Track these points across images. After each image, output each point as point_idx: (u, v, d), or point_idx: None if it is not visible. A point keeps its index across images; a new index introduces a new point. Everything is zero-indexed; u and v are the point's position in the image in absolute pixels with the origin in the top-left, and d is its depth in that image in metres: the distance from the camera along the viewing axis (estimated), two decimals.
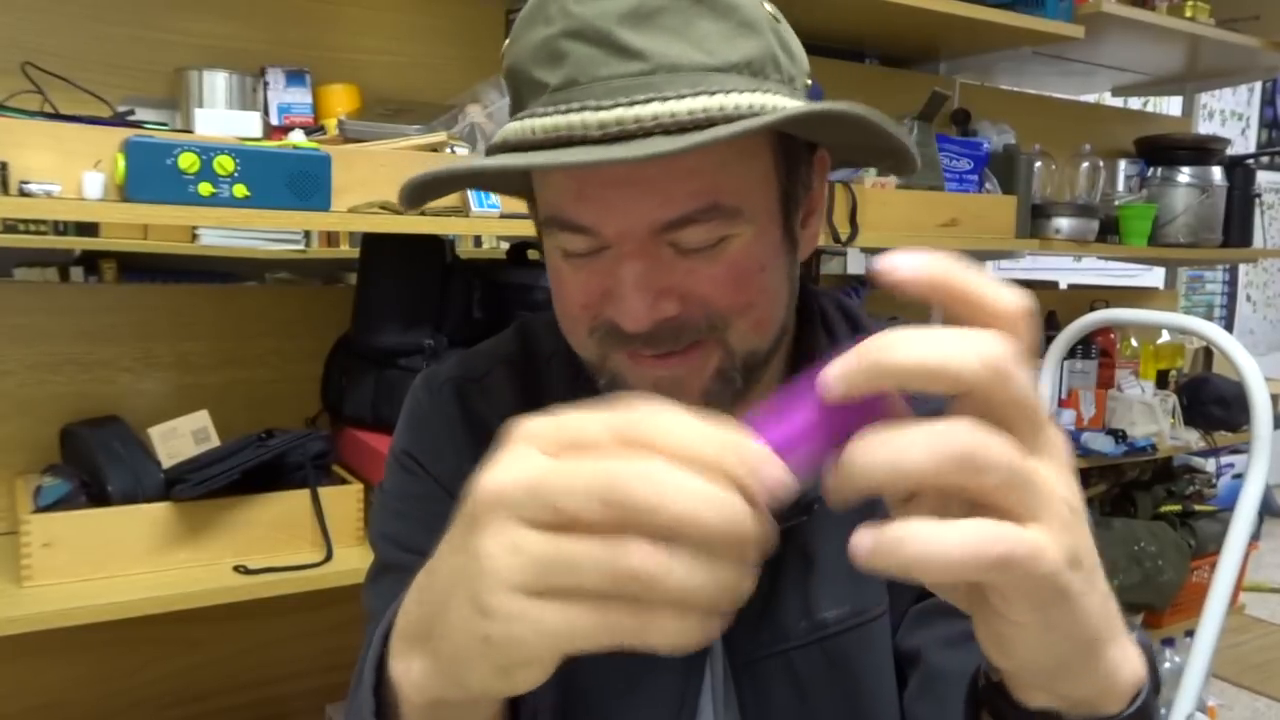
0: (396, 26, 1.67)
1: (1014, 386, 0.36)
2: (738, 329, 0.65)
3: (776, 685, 0.74)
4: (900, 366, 0.35)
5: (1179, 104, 3.00)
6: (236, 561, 1.30)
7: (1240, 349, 1.78)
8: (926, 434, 0.35)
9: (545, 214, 0.65)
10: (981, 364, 0.35)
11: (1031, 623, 0.38)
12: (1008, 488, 0.36)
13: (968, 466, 0.35)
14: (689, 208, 0.61)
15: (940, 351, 0.35)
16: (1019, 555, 0.35)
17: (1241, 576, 2.39)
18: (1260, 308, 5.60)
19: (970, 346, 0.35)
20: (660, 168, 0.60)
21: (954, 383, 0.35)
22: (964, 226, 1.89)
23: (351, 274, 1.62)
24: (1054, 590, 0.37)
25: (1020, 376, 0.36)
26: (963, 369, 0.35)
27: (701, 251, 0.63)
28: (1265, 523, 4.04)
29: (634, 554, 0.34)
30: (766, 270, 0.66)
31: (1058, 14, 2.00)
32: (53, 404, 1.45)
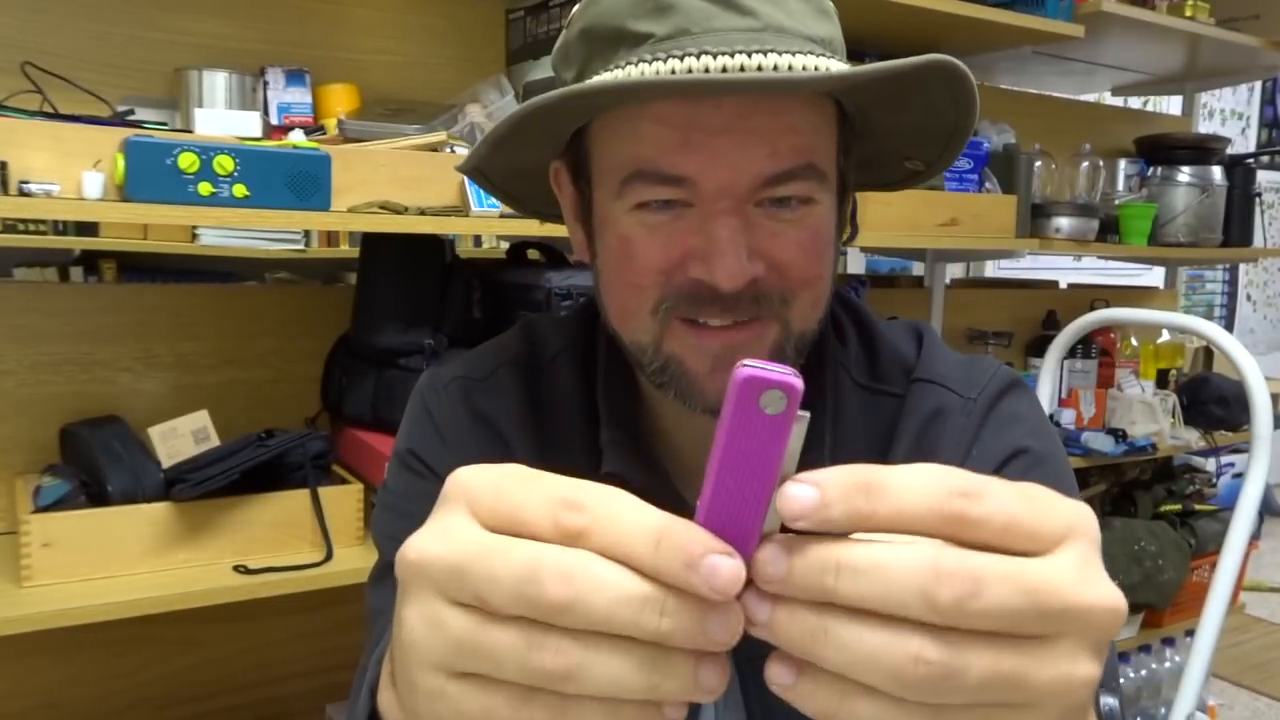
0: (396, 26, 1.67)
1: (980, 519, 0.32)
2: (800, 305, 0.65)
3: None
4: (882, 519, 0.32)
5: (1179, 103, 3.00)
6: (236, 561, 1.30)
7: (1240, 348, 1.78)
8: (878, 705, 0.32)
9: (631, 168, 0.63)
10: (941, 515, 0.32)
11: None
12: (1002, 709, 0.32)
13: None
14: (792, 163, 0.62)
15: (913, 505, 0.32)
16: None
17: (1241, 576, 2.39)
18: (1260, 307, 5.60)
19: (931, 497, 0.32)
20: (767, 121, 0.60)
21: (923, 533, 0.32)
22: (964, 226, 1.89)
23: (351, 274, 1.62)
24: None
25: (988, 505, 0.32)
26: (924, 522, 0.32)
27: (788, 218, 0.63)
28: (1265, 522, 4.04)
29: (546, 652, 0.32)
30: (832, 247, 0.67)
31: (1058, 13, 2.00)
32: (52, 404, 1.45)
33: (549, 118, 0.62)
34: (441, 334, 1.49)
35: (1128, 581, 2.33)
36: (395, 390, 1.48)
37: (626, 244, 0.65)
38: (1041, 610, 0.31)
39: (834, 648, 0.32)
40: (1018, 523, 0.32)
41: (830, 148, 0.65)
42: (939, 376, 0.75)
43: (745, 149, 0.61)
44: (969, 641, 0.31)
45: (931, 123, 0.67)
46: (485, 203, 1.38)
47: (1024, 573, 0.32)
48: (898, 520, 0.32)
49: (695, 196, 0.62)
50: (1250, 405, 1.76)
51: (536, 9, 1.60)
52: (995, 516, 0.32)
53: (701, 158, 0.61)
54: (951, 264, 2.54)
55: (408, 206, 1.32)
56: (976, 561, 0.31)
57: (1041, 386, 2.17)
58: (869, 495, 0.32)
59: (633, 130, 0.62)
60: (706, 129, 0.60)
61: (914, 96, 0.64)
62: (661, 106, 0.61)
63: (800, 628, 0.32)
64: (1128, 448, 2.29)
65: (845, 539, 0.33)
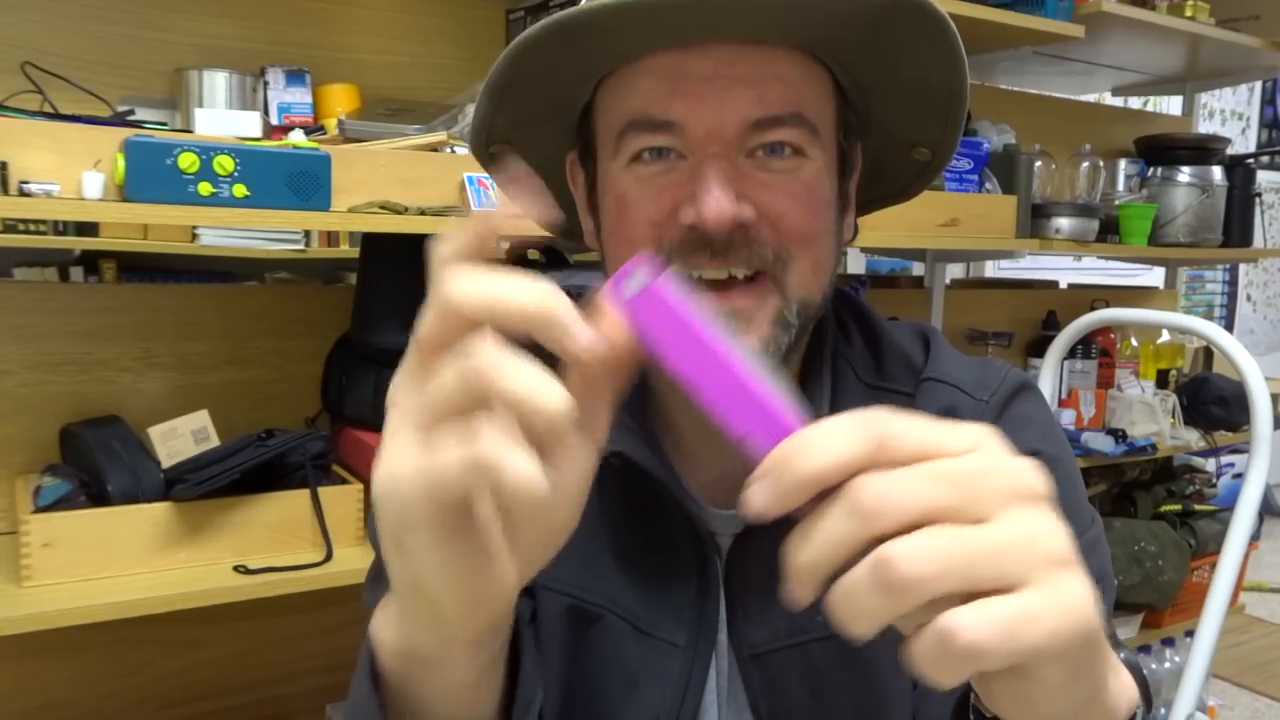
0: (396, 26, 1.67)
1: (900, 444, 0.36)
2: (798, 268, 0.65)
3: (790, 678, 0.73)
4: (816, 474, 0.36)
5: (1179, 104, 3.00)
6: (236, 561, 1.30)
7: (1240, 349, 1.78)
8: (867, 574, 0.35)
9: (624, 121, 0.65)
10: (866, 440, 0.36)
11: (1059, 680, 0.37)
12: (970, 579, 0.35)
13: (917, 588, 0.34)
14: (779, 109, 0.63)
15: (836, 449, 0.36)
16: (994, 639, 0.34)
17: (1241, 576, 2.39)
18: (1260, 307, 5.60)
19: (851, 433, 0.36)
20: (754, 68, 0.62)
21: (858, 469, 0.36)
22: (964, 226, 1.89)
23: (351, 274, 1.62)
24: (1078, 641, 0.36)
25: (904, 433, 0.36)
26: (856, 453, 0.36)
27: (779, 166, 0.64)
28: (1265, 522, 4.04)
29: (477, 353, 0.38)
30: (830, 210, 0.68)
31: (1058, 14, 2.00)
32: (52, 404, 1.45)
33: (553, 82, 0.66)
34: None
35: (1128, 582, 2.33)
36: None
37: (622, 201, 0.66)
38: (959, 486, 0.36)
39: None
40: (928, 446, 0.36)
41: (823, 109, 0.66)
42: (950, 377, 0.75)
43: (732, 93, 0.62)
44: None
45: (923, 88, 0.67)
46: (485, 203, 1.38)
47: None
48: (832, 474, 0.36)
49: (685, 144, 0.64)
50: (1250, 405, 1.76)
51: (537, 9, 1.60)
52: (908, 446, 0.36)
53: (689, 102, 0.62)
54: (951, 264, 2.54)
55: (408, 206, 1.32)
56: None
57: (1042, 387, 2.16)
58: (800, 456, 0.36)
59: (628, 87, 0.65)
60: (693, 77, 0.62)
61: (895, 50, 0.64)
62: (652, 60, 0.63)
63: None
64: (1128, 448, 2.29)
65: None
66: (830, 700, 0.73)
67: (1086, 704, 0.40)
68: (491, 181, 1.38)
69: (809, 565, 0.37)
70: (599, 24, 0.60)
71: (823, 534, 0.36)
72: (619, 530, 0.75)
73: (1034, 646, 0.35)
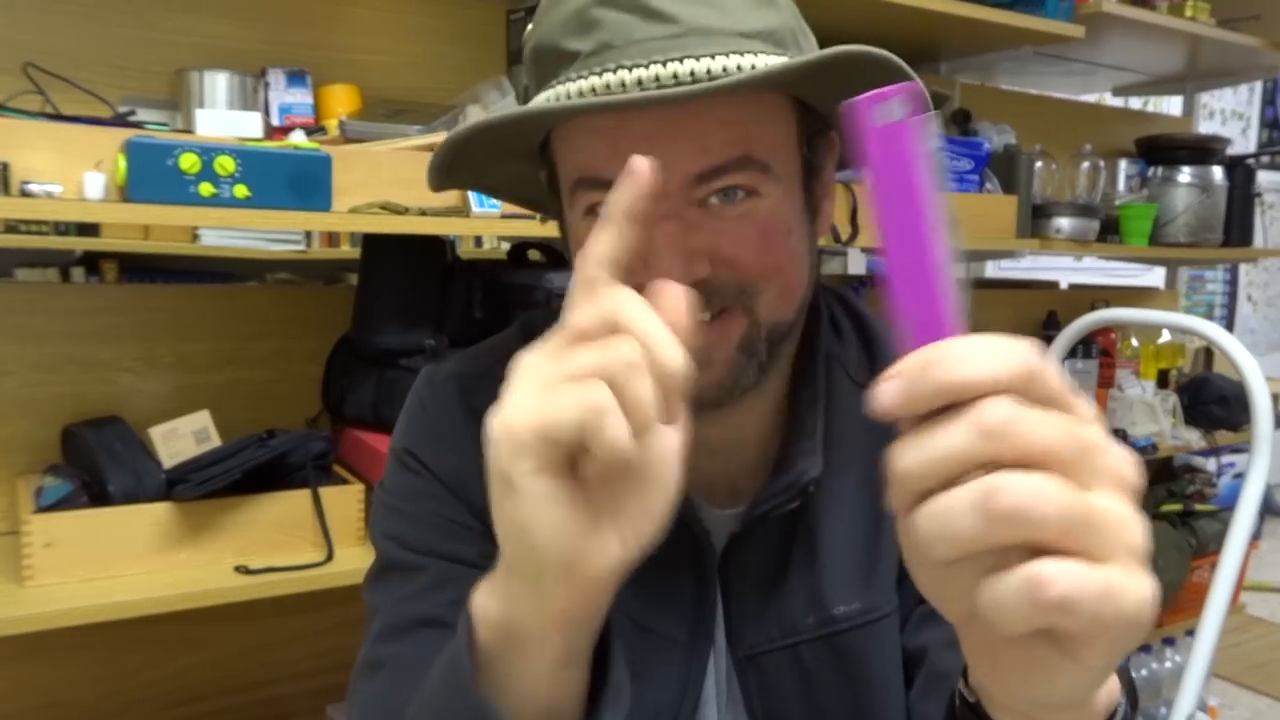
0: (397, 27, 1.67)
1: (1047, 383, 0.37)
2: (766, 297, 0.66)
3: (783, 679, 0.74)
4: (955, 384, 0.36)
5: (1179, 104, 3.00)
6: (237, 561, 1.30)
7: (1241, 348, 1.78)
8: (970, 495, 0.35)
9: (574, 177, 0.66)
10: (1017, 366, 0.36)
11: (1099, 664, 0.37)
12: (1065, 534, 0.35)
13: (1018, 521, 0.34)
14: (723, 157, 0.62)
15: (984, 366, 0.36)
16: (1084, 600, 0.34)
17: (1242, 576, 2.39)
18: (1261, 307, 5.60)
19: (1003, 355, 0.37)
20: (694, 120, 0.61)
21: (1000, 391, 0.36)
22: (965, 226, 1.89)
23: (352, 274, 1.62)
24: (1136, 632, 0.36)
25: (1052, 375, 0.37)
26: (1000, 375, 0.36)
27: (731, 213, 0.64)
28: (1266, 522, 4.04)
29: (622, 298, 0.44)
30: (793, 234, 0.67)
31: (1058, 14, 2.00)
32: (54, 404, 1.45)
33: (494, 141, 0.66)
34: (442, 335, 1.49)
35: None
36: (396, 391, 1.48)
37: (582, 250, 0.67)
38: (1079, 446, 0.36)
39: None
40: (1066, 395, 0.37)
41: (776, 137, 0.65)
42: None
43: (672, 151, 0.61)
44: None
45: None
46: (486, 203, 1.38)
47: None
48: (977, 387, 0.36)
49: None
50: (1251, 405, 1.75)
51: (537, 9, 1.59)
52: (1053, 386, 0.37)
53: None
54: None
55: (409, 207, 1.33)
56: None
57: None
58: (946, 363, 0.36)
59: (575, 143, 0.65)
60: (633, 136, 0.62)
61: (840, 83, 0.63)
62: (592, 119, 0.63)
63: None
64: (1128, 448, 2.28)
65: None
66: (823, 701, 0.74)
67: (1089, 696, 0.41)
68: None
69: (915, 469, 0.36)
70: (527, 120, 0.62)
71: (941, 443, 0.36)
72: None
73: (1109, 620, 0.35)
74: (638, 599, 0.75)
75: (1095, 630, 0.35)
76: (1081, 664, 0.37)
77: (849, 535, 0.74)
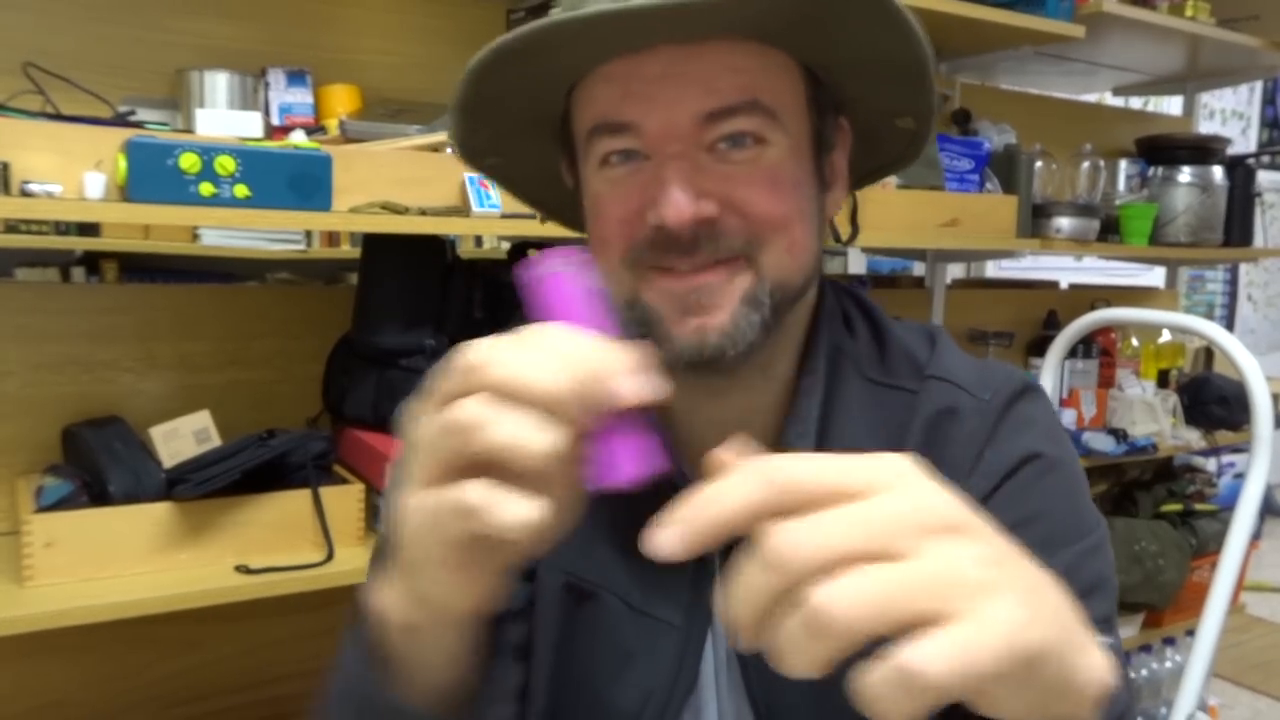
0: (397, 26, 1.67)
1: (796, 488, 0.37)
2: (772, 251, 0.66)
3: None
4: (717, 521, 0.38)
5: (1179, 104, 3.00)
6: (238, 561, 1.30)
7: (1241, 348, 1.78)
8: (800, 623, 0.36)
9: (589, 125, 0.67)
10: (762, 487, 0.37)
11: (1010, 693, 0.37)
12: (902, 618, 0.35)
13: (852, 633, 0.35)
14: (732, 99, 0.64)
15: (735, 497, 0.38)
16: (950, 671, 0.34)
17: (1242, 576, 2.39)
18: (1261, 307, 5.60)
19: (749, 481, 0.38)
20: (703, 63, 0.63)
21: (761, 517, 0.37)
22: (965, 226, 1.89)
23: (352, 274, 1.62)
24: (1028, 658, 0.36)
25: (800, 477, 0.38)
26: (749, 506, 0.37)
27: (740, 157, 0.65)
28: (1266, 522, 4.04)
29: (464, 407, 0.46)
30: (800, 191, 0.68)
31: (1058, 14, 2.00)
32: (54, 404, 1.45)
33: (521, 97, 0.68)
34: (443, 334, 1.49)
35: (1128, 582, 2.33)
36: (396, 390, 1.48)
37: (595, 202, 0.69)
38: (869, 531, 0.36)
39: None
40: (825, 487, 0.38)
41: (784, 92, 0.67)
42: (953, 375, 0.75)
43: (682, 90, 0.63)
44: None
45: (885, 63, 0.67)
46: (486, 203, 1.38)
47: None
48: (736, 520, 0.38)
49: (646, 145, 0.65)
50: (1251, 405, 1.75)
51: (537, 9, 1.60)
52: (805, 488, 0.38)
53: (642, 103, 0.64)
54: (952, 264, 2.54)
55: (409, 207, 1.33)
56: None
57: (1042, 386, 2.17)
58: (705, 506, 0.38)
59: (590, 94, 0.67)
60: (645, 78, 0.64)
61: (846, 32, 0.64)
62: (607, 68, 0.65)
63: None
64: (1128, 448, 2.29)
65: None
66: (830, 697, 0.73)
67: (1051, 699, 0.40)
68: (492, 182, 1.38)
69: (741, 618, 0.37)
70: (540, 44, 0.62)
71: (746, 588, 0.37)
72: (615, 512, 0.76)
73: (985, 674, 0.35)
74: (634, 584, 0.75)
75: (986, 684, 0.36)
76: (996, 700, 0.37)
77: None
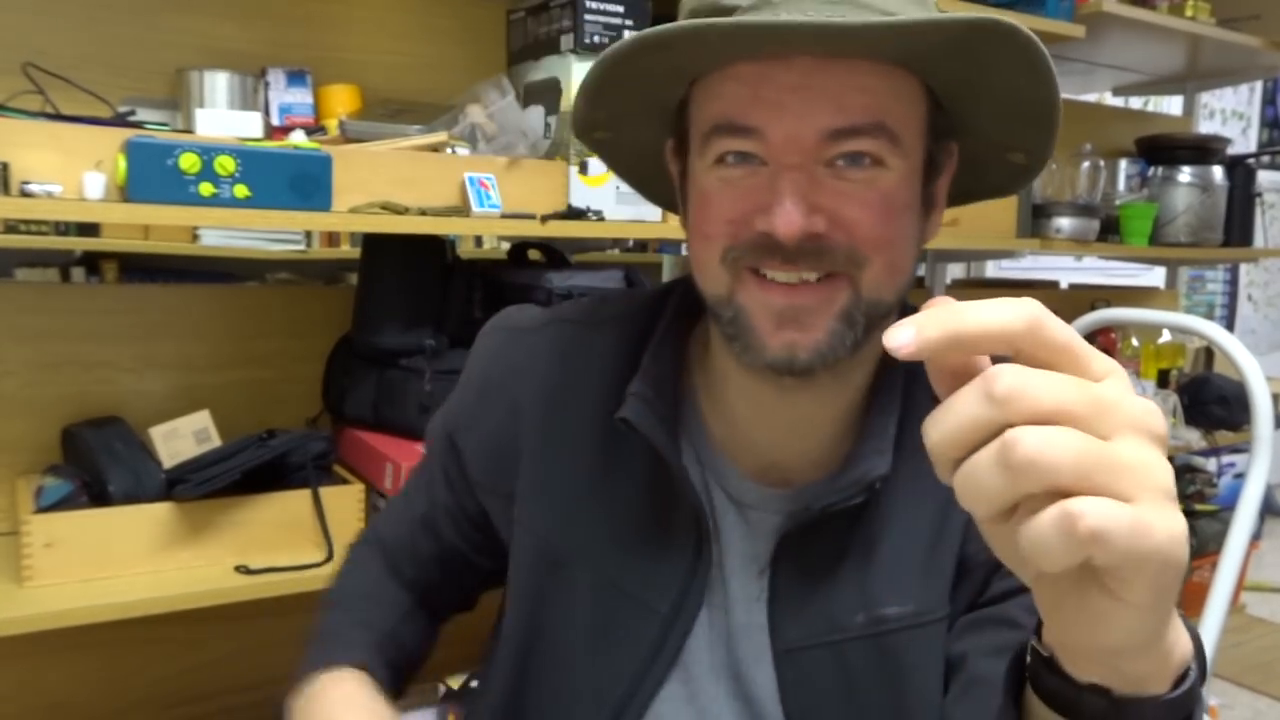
0: (397, 26, 1.67)
1: (1052, 333, 0.38)
2: (872, 270, 0.67)
3: (823, 677, 0.74)
4: (971, 333, 0.38)
5: (1179, 103, 3.00)
6: (238, 562, 1.30)
7: (1241, 348, 1.78)
8: (991, 454, 0.37)
9: (711, 123, 0.67)
10: (1022, 320, 0.38)
11: (1144, 602, 0.39)
12: (1087, 478, 0.36)
13: (1037, 469, 0.36)
14: (859, 120, 0.64)
15: (990, 317, 0.38)
16: (1116, 532, 0.36)
17: (1242, 576, 2.39)
18: (1261, 307, 5.59)
19: (1008, 309, 0.38)
20: (835, 79, 0.64)
21: (1007, 342, 0.38)
22: (965, 226, 1.89)
23: (352, 274, 1.62)
24: (1173, 567, 0.38)
25: (1057, 327, 0.39)
26: (1007, 327, 0.38)
27: (857, 176, 0.65)
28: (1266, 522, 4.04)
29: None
30: (907, 216, 0.69)
31: (1058, 14, 2.00)
32: (54, 404, 1.45)
33: (647, 84, 0.68)
34: (443, 334, 1.49)
35: None
36: (396, 390, 1.48)
37: (704, 198, 0.69)
38: (1091, 400, 0.37)
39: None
40: (1073, 347, 0.39)
41: (908, 116, 0.67)
42: None
43: (812, 104, 0.64)
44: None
45: (1014, 99, 0.68)
46: (486, 203, 1.38)
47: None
48: (984, 336, 0.38)
49: (766, 151, 0.66)
50: (1251, 405, 1.75)
51: (537, 10, 1.60)
52: (1058, 337, 0.38)
53: (770, 111, 0.64)
54: (952, 264, 2.54)
55: (409, 207, 1.33)
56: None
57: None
58: (955, 312, 0.38)
59: (717, 91, 0.67)
60: (777, 85, 0.64)
61: (984, 66, 0.65)
62: (739, 68, 0.65)
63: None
64: None
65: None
66: (861, 701, 0.73)
67: (1151, 640, 0.42)
68: (492, 181, 1.38)
69: (942, 442, 0.38)
70: (685, 40, 0.62)
71: (958, 414, 0.38)
72: (617, 490, 0.78)
73: (1144, 552, 0.36)
74: (623, 564, 0.76)
75: (1131, 564, 0.37)
76: (1128, 604, 0.38)
77: (910, 537, 0.74)
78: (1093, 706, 0.44)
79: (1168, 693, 0.44)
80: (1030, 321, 0.38)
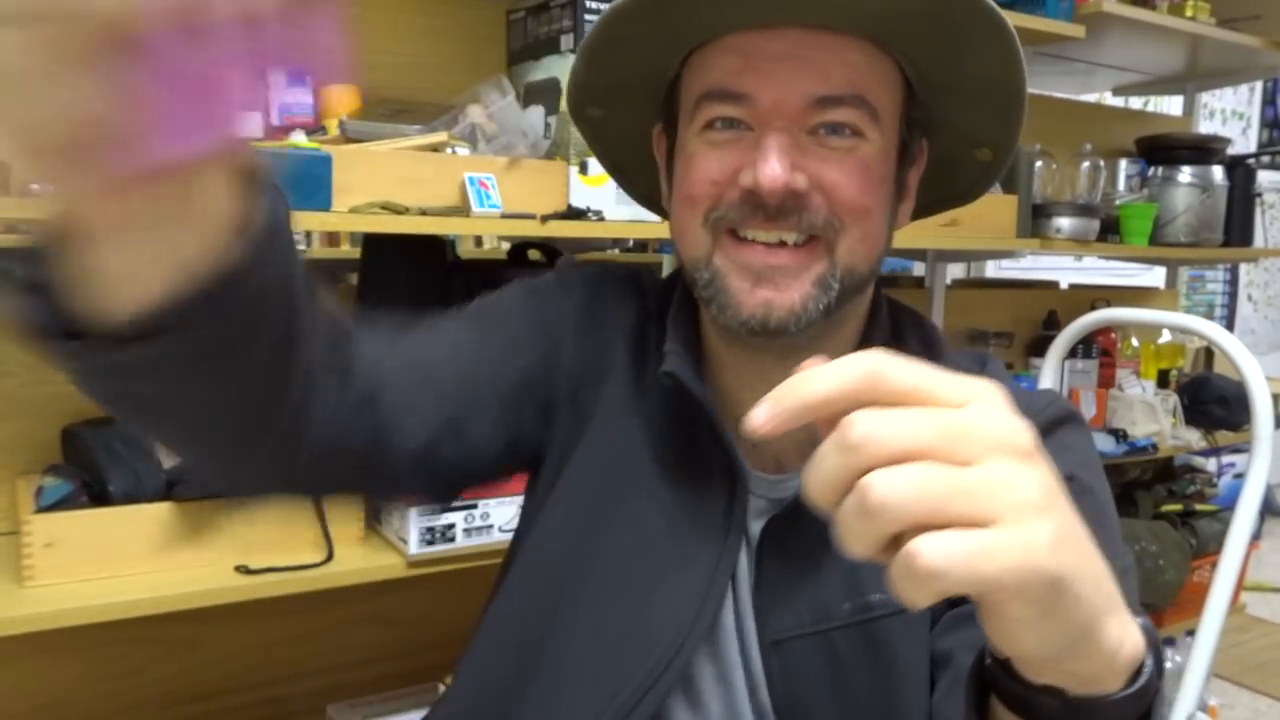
0: (397, 27, 1.67)
1: (892, 380, 0.39)
2: (849, 237, 0.70)
3: (811, 666, 0.74)
4: (815, 401, 0.40)
5: (1179, 103, 3.00)
6: (238, 561, 1.30)
7: (1241, 348, 1.78)
8: (852, 501, 0.38)
9: (702, 90, 0.71)
10: (856, 378, 0.39)
11: (1027, 616, 0.39)
12: (940, 510, 0.37)
13: (889, 510, 0.37)
14: (842, 90, 0.69)
15: (831, 382, 0.40)
16: (952, 564, 0.36)
17: (1242, 576, 2.39)
18: (1261, 307, 5.60)
19: (846, 368, 0.40)
20: (822, 52, 0.68)
21: (850, 400, 0.39)
22: (964, 226, 1.89)
23: (353, 274, 1.62)
24: (1039, 580, 0.38)
25: (895, 373, 0.39)
26: (845, 388, 0.39)
27: (837, 144, 0.69)
28: (1266, 522, 4.04)
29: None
30: (883, 189, 0.72)
31: (1058, 14, 2.00)
32: (54, 404, 1.45)
33: (643, 54, 0.72)
34: None
35: None
36: None
37: (690, 161, 0.72)
38: (942, 430, 0.38)
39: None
40: (920, 387, 0.39)
41: (887, 97, 0.71)
42: None
43: (799, 72, 0.68)
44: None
45: (985, 86, 0.71)
46: (486, 203, 1.38)
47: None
48: (826, 402, 0.40)
49: (753, 116, 0.69)
50: (1251, 405, 1.75)
51: (537, 10, 1.60)
52: (900, 382, 0.39)
53: (760, 78, 0.69)
54: (952, 264, 2.54)
55: (409, 207, 1.33)
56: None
57: (1042, 386, 2.17)
58: (800, 385, 0.40)
59: (708, 62, 0.71)
60: (767, 55, 0.68)
61: (958, 45, 0.68)
62: (731, 40, 0.70)
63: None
64: (1129, 448, 2.29)
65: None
66: (850, 691, 0.74)
67: (1072, 644, 0.42)
68: (492, 181, 1.38)
69: (816, 494, 0.40)
70: (680, 1, 0.66)
71: (821, 466, 0.40)
72: (659, 443, 0.79)
73: (987, 578, 0.37)
74: (670, 513, 0.77)
75: (988, 589, 0.37)
76: (1011, 618, 0.39)
77: None
78: (1047, 707, 0.45)
79: (1121, 690, 0.45)
80: (865, 377, 0.39)
